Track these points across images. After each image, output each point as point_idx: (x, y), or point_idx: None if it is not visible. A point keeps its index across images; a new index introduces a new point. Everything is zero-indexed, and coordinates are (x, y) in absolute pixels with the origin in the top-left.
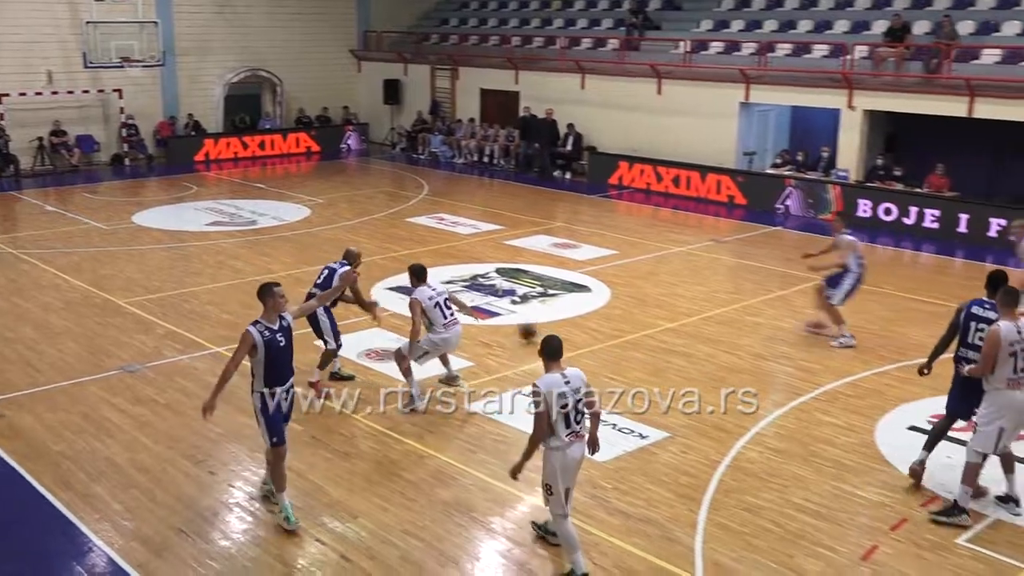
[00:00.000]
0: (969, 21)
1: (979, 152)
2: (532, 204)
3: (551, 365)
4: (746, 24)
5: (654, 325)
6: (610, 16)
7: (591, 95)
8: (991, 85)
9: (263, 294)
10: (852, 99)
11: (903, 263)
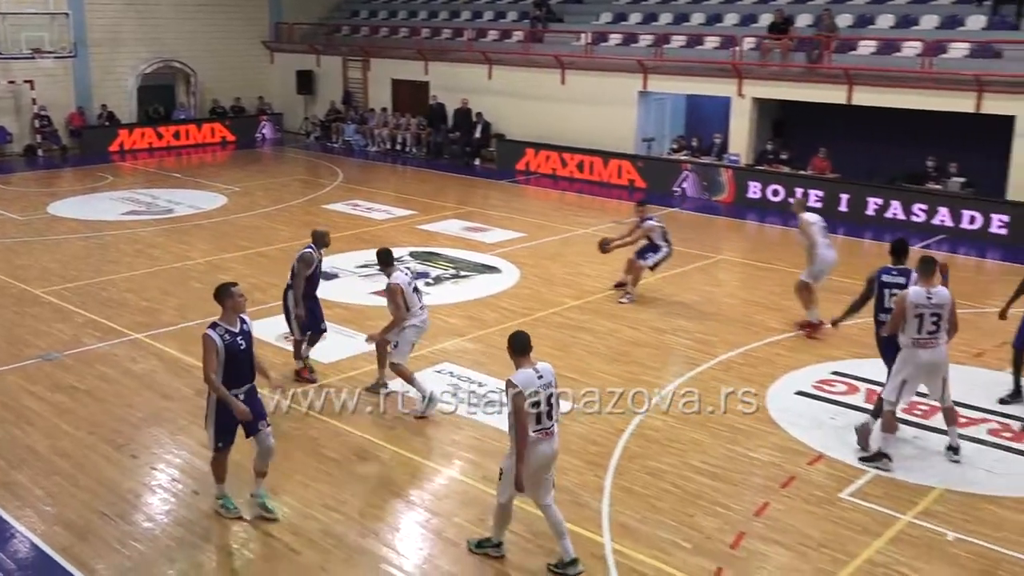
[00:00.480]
0: (847, 14)
1: (857, 136)
2: (443, 190)
3: (522, 361)
4: (643, 17)
5: (561, 303)
6: (515, 9)
7: (498, 85)
8: (868, 74)
9: (221, 295)
10: (742, 88)
11: (790, 241)
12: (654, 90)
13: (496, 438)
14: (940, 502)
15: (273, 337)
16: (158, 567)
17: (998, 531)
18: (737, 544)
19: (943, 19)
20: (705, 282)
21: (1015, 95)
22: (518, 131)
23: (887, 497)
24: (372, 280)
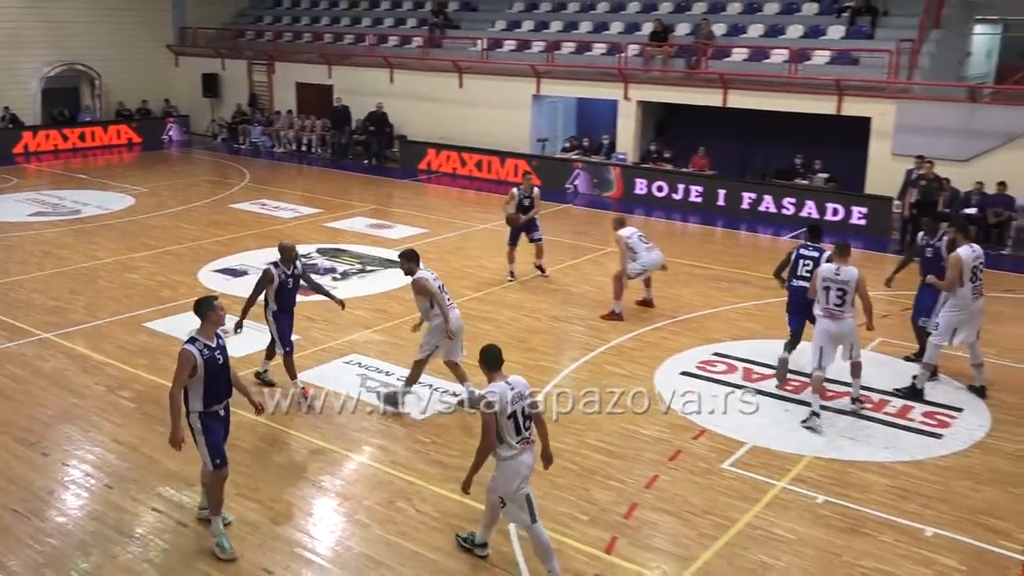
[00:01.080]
0: (721, 24)
1: (733, 136)
2: (348, 189)
3: (494, 375)
4: (535, 25)
5: (463, 295)
6: (414, 16)
7: (399, 88)
8: (741, 79)
9: (204, 308)
10: (627, 91)
11: (674, 233)
12: (547, 93)
13: (402, 423)
14: (810, 469)
15: (184, 333)
16: (72, 560)
17: (863, 493)
18: (630, 515)
19: (807, 29)
20: (598, 273)
21: (871, 98)
22: (419, 132)
23: (763, 466)
24: None
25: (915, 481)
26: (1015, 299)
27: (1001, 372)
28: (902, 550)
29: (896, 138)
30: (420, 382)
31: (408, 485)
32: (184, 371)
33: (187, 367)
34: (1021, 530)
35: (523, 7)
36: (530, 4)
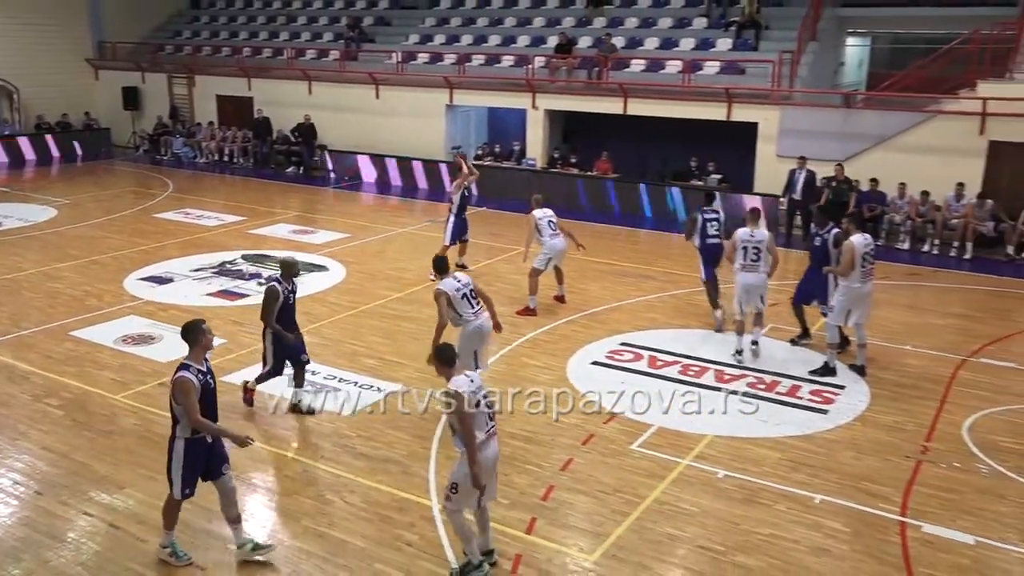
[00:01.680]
0: (620, 37)
1: (633, 141)
2: (271, 197)
3: (451, 371)
4: (447, 38)
5: (385, 296)
6: (330, 30)
7: (318, 99)
8: (639, 88)
9: (194, 332)
10: (535, 101)
11: (581, 233)
12: (459, 103)
13: (330, 420)
14: (711, 447)
15: (111, 340)
16: (3, 567)
17: (758, 467)
18: (547, 496)
19: (698, 42)
20: (512, 271)
21: (757, 105)
22: (339, 142)
23: (668, 446)
24: (206, 283)
25: (804, 453)
26: (888, 285)
27: (877, 352)
28: (794, 516)
29: (780, 141)
30: (346, 380)
31: (336, 479)
32: (192, 396)
33: (193, 392)
34: (898, 494)
35: (435, 22)
36: (441, 19)
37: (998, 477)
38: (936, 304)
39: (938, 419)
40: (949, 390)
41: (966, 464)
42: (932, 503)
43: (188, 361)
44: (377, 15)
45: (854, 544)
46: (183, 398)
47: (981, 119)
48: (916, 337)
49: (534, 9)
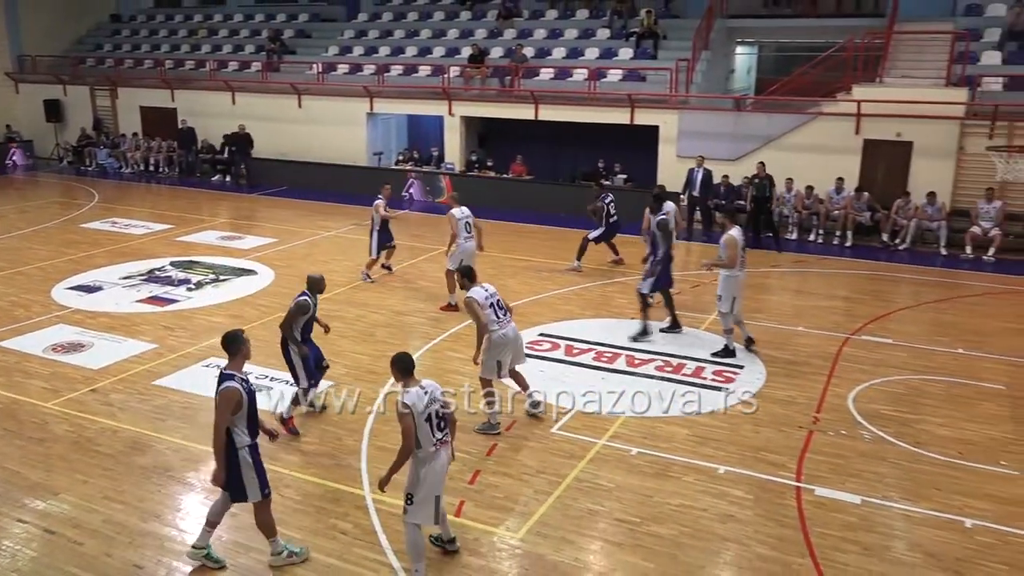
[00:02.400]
0: (530, 47)
1: (545, 145)
2: (198, 205)
3: (408, 380)
4: (366, 50)
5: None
6: (251, 42)
7: (242, 109)
8: (549, 95)
9: (236, 343)
10: (451, 108)
11: (499, 231)
12: (379, 111)
13: (265, 418)
14: (624, 426)
15: (40, 349)
16: None
17: (668, 443)
18: (474, 480)
19: (602, 51)
20: (434, 269)
21: (657, 110)
22: (264, 150)
23: (585, 428)
24: (135, 290)
25: (709, 428)
26: (779, 272)
27: (771, 333)
28: (701, 487)
29: (679, 143)
30: (278, 379)
31: (272, 474)
32: (229, 409)
33: (232, 403)
34: (793, 461)
35: (354, 34)
36: (360, 32)
37: (879, 442)
38: (822, 288)
39: (826, 392)
40: (835, 366)
41: (851, 432)
42: (823, 468)
43: (231, 371)
44: (298, 28)
45: (756, 509)
46: (224, 407)
47: (856, 120)
48: (805, 319)
49: (448, 22)
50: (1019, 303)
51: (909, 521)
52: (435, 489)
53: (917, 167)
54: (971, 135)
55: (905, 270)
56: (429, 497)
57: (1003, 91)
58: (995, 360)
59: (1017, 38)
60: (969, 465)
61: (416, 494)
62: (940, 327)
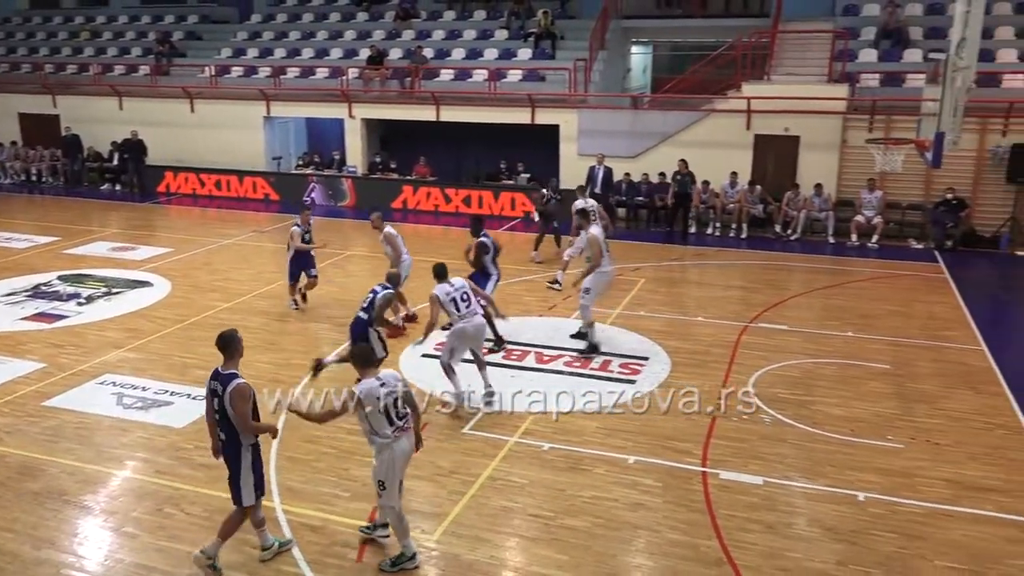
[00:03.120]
0: (429, 48)
1: (448, 146)
2: (86, 215)
3: (366, 372)
4: (260, 52)
5: (213, 307)
6: (138, 45)
7: (130, 115)
8: (450, 96)
9: (233, 343)
10: (351, 110)
11: (405, 234)
12: (277, 115)
13: (163, 434)
14: (535, 423)
15: None
16: None
17: (579, 436)
18: None
19: (501, 52)
20: (339, 275)
21: (557, 109)
22: (155, 156)
23: (497, 426)
24: (20, 307)
25: (617, 420)
26: (680, 265)
27: (674, 325)
28: (612, 478)
29: (580, 141)
30: (178, 393)
31: (175, 491)
32: (248, 403)
33: (250, 398)
34: (699, 448)
35: (247, 36)
36: (254, 33)
37: (779, 424)
38: (720, 279)
39: (728, 379)
40: (736, 353)
41: (752, 416)
42: (727, 452)
43: (235, 371)
44: (187, 30)
45: (665, 496)
46: (243, 405)
47: (747, 116)
48: (705, 309)
49: (345, 23)
50: (901, 286)
51: (808, 498)
52: (399, 473)
53: (804, 160)
54: (852, 128)
55: (797, 259)
56: (396, 481)
57: (880, 87)
58: (881, 341)
59: (890, 36)
60: (860, 441)
61: (386, 480)
62: (831, 312)
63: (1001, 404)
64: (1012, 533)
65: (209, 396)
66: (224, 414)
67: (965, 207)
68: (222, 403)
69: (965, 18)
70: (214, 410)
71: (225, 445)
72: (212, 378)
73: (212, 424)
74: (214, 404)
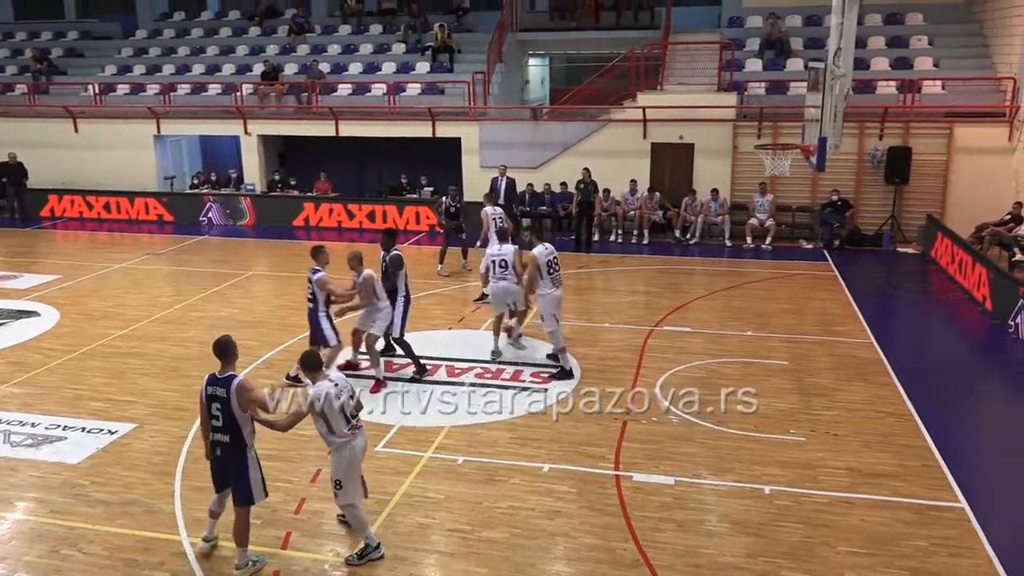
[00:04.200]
0: (326, 63)
1: (349, 161)
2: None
3: (316, 376)
4: (147, 68)
5: (107, 334)
6: (13, 63)
7: (6, 136)
8: (348, 111)
9: (230, 348)
10: (247, 127)
11: (305, 251)
12: (168, 133)
13: (56, 471)
14: (449, 437)
15: None
16: None
17: (492, 448)
18: (299, 510)
19: (399, 65)
20: (241, 295)
21: (457, 122)
22: (37, 179)
23: (410, 442)
24: None
25: (530, 429)
26: (586, 272)
27: (581, 331)
28: (527, 487)
29: (481, 153)
30: (72, 427)
31: (70, 531)
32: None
33: (254, 390)
34: (611, 452)
35: (132, 52)
36: (139, 49)
37: (687, 424)
38: (624, 285)
39: (636, 382)
40: (643, 357)
41: (661, 418)
42: (638, 455)
43: (231, 372)
44: (67, 46)
45: (580, 502)
46: (252, 394)
47: (643, 125)
48: (612, 315)
49: (236, 38)
50: (794, 285)
51: (717, 494)
52: (358, 470)
53: (699, 166)
54: (742, 135)
55: (697, 263)
56: (354, 477)
57: (765, 94)
58: (778, 339)
59: (773, 46)
60: (764, 436)
61: (344, 479)
62: (731, 312)
63: (890, 393)
64: (906, 516)
65: (207, 403)
66: (229, 416)
67: (849, 207)
68: (228, 405)
69: (840, 29)
70: (212, 416)
71: (229, 449)
72: (209, 384)
73: (206, 430)
74: (212, 409)
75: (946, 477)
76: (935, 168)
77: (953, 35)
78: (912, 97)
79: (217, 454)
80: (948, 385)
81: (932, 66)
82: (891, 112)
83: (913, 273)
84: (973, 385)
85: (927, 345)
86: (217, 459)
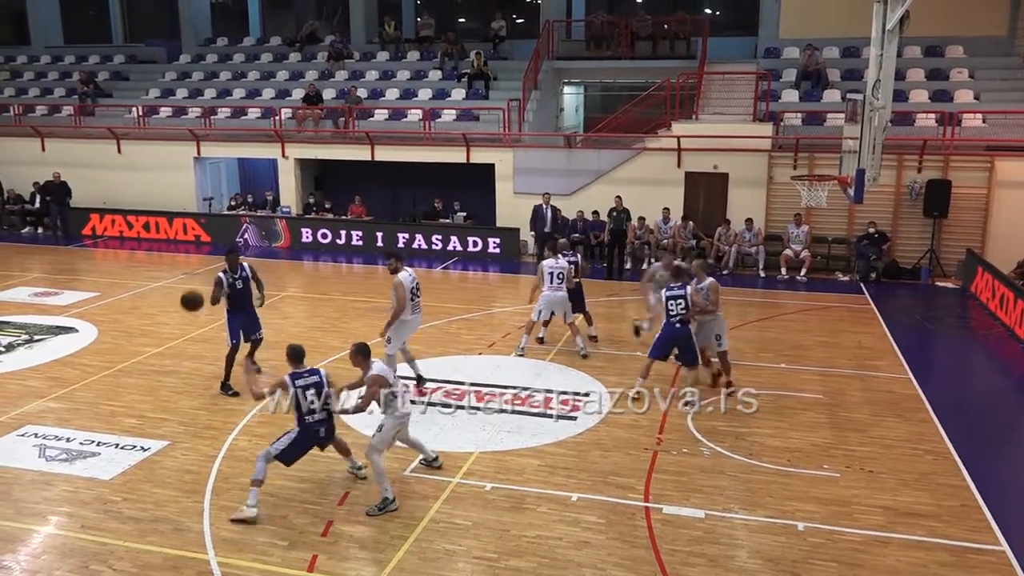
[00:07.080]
0: (364, 89)
1: (383, 185)
2: (5, 260)
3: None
4: (189, 92)
5: (142, 352)
6: (61, 86)
7: (53, 156)
8: (384, 136)
9: (301, 353)
10: (285, 150)
11: (342, 274)
12: (208, 155)
13: (89, 487)
14: (477, 463)
15: None
16: None
17: (520, 475)
18: (327, 532)
19: (435, 92)
20: (275, 316)
21: (492, 148)
22: (81, 198)
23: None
24: None
25: (559, 457)
26: (618, 300)
27: (612, 359)
28: (555, 516)
29: (516, 179)
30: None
31: (101, 547)
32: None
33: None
34: (641, 483)
35: (175, 76)
36: (183, 73)
37: (717, 457)
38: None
39: (667, 413)
40: (674, 385)
41: (692, 449)
42: (668, 487)
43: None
44: (113, 70)
45: (608, 533)
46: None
47: (678, 154)
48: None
49: (277, 63)
50: (829, 318)
51: (748, 529)
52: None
53: (734, 196)
54: (777, 166)
55: (730, 292)
56: (393, 429)
57: (802, 125)
58: (812, 372)
59: (809, 78)
60: (797, 471)
61: (385, 425)
62: (764, 344)
63: (928, 431)
64: (943, 557)
65: (304, 391)
66: (326, 398)
67: (887, 240)
68: (326, 388)
69: (879, 61)
70: (310, 401)
71: (327, 422)
72: (300, 377)
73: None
74: (308, 396)
75: (986, 518)
76: (975, 202)
77: (994, 67)
78: (952, 130)
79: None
80: (989, 423)
81: (972, 99)
82: (930, 145)
83: (953, 307)
84: (1015, 423)
85: (966, 381)
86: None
